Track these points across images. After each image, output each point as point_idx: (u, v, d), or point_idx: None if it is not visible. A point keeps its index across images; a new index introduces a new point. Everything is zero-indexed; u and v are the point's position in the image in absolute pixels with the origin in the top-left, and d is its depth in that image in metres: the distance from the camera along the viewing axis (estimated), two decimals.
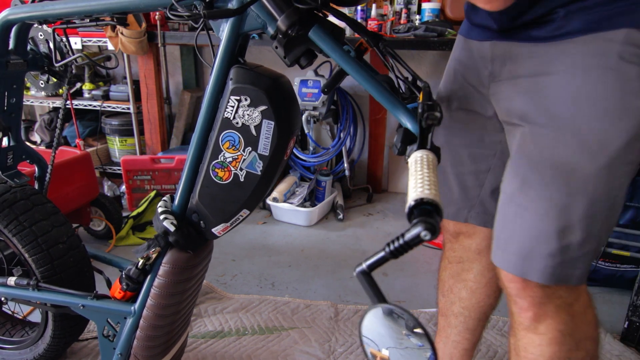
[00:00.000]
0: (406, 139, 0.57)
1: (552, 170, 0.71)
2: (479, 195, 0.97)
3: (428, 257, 2.13)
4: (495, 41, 0.81)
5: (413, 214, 0.46)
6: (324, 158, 2.75)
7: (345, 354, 1.45)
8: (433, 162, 0.52)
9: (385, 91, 0.67)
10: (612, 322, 1.64)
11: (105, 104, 2.75)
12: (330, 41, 0.68)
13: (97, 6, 0.89)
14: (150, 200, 2.37)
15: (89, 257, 1.20)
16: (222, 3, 0.74)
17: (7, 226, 1.07)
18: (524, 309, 0.79)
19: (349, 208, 2.72)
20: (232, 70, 0.76)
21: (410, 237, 0.45)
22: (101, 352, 1.06)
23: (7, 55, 1.09)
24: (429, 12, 2.47)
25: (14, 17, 1.02)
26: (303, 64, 0.72)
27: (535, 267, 0.74)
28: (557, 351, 0.78)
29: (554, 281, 0.74)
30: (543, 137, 0.73)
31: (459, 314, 1.11)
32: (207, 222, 0.86)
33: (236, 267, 2.00)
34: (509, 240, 0.77)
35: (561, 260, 0.73)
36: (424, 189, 0.47)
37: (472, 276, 1.07)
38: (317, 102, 2.44)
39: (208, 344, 1.47)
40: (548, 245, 0.72)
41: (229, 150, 0.79)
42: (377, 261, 0.49)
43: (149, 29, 2.48)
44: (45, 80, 1.23)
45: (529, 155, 0.74)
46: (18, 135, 1.24)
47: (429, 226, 0.44)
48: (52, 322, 1.18)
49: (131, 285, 0.96)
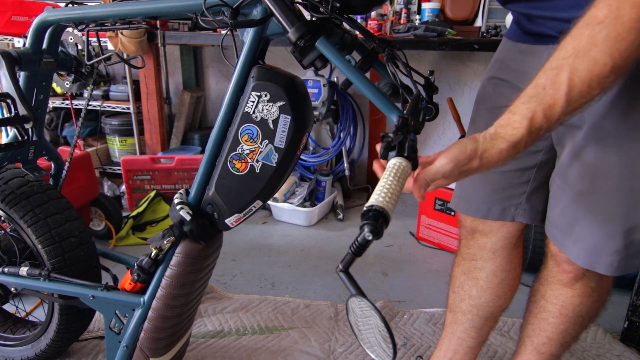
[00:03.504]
0: (388, 146, 0.63)
1: (619, 177, 0.77)
2: (525, 192, 0.97)
3: (427, 257, 2.13)
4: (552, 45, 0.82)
5: (364, 216, 0.53)
6: (324, 158, 2.75)
7: (345, 353, 1.45)
8: (403, 171, 0.58)
9: (383, 97, 0.72)
10: (612, 322, 1.64)
11: (105, 104, 2.75)
12: (334, 51, 0.74)
13: (131, 10, 0.95)
14: (150, 200, 2.37)
15: (97, 253, 1.23)
16: (247, 9, 0.81)
17: (23, 217, 1.11)
18: (567, 272, 0.91)
19: (349, 208, 2.72)
20: (254, 70, 0.83)
21: (360, 238, 0.54)
22: (106, 346, 1.08)
23: (40, 53, 1.16)
24: (429, 12, 2.47)
25: (51, 18, 1.08)
26: (318, 66, 0.78)
27: (603, 262, 0.83)
28: (584, 302, 0.93)
29: (618, 273, 0.83)
30: (608, 144, 0.77)
31: (467, 311, 1.11)
32: (221, 212, 0.91)
33: (236, 267, 2.00)
34: (579, 237, 0.84)
35: (626, 255, 0.81)
36: (379, 196, 0.54)
37: (484, 275, 1.07)
38: (317, 102, 2.44)
39: (208, 343, 1.47)
40: (615, 244, 0.81)
41: (247, 143, 0.84)
42: (347, 261, 0.58)
43: (148, 30, 2.48)
44: (71, 80, 1.30)
45: (594, 160, 0.78)
46: (41, 132, 1.30)
47: (372, 228, 0.52)
48: (58, 316, 1.20)
49: (142, 276, 0.99)
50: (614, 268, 0.83)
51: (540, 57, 0.85)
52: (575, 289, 0.92)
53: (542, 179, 0.95)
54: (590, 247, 0.83)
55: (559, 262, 0.91)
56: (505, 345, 1.50)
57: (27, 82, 1.19)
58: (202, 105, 3.21)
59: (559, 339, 0.98)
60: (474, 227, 1.05)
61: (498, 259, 1.04)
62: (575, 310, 0.94)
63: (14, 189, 1.13)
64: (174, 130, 2.95)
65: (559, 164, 0.87)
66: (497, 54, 0.99)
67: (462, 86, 2.86)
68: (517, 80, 0.90)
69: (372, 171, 2.94)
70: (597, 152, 0.78)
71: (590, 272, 0.89)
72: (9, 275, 1.15)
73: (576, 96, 0.58)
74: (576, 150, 0.80)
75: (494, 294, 1.07)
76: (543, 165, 0.94)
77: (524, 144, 0.62)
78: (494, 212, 1.00)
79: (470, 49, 2.20)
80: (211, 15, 0.76)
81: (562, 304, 0.95)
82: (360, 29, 0.84)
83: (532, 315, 1.02)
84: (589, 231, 0.82)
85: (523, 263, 1.10)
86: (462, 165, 0.62)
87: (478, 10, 2.53)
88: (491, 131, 0.64)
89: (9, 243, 1.23)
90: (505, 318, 1.62)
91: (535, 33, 0.85)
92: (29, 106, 1.08)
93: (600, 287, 0.93)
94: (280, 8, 0.73)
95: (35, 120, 1.07)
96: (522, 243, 1.08)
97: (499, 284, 1.06)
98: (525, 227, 1.04)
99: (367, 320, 0.59)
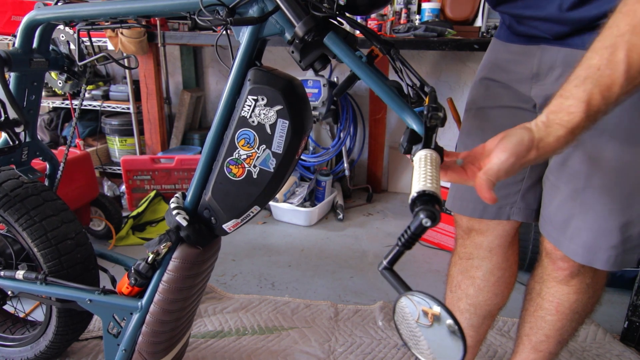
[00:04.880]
0: (412, 139, 0.61)
1: (615, 173, 0.77)
2: (519, 191, 0.98)
3: (428, 257, 2.13)
4: (543, 45, 0.83)
5: (415, 204, 0.50)
6: (324, 158, 2.75)
7: (345, 353, 1.45)
8: (436, 160, 0.56)
9: (394, 95, 0.71)
10: (612, 322, 1.64)
11: (105, 104, 2.75)
12: (344, 47, 0.72)
13: (122, 9, 0.92)
14: (150, 200, 2.37)
15: (95, 255, 1.22)
16: (243, 9, 0.79)
17: (18, 220, 1.09)
18: (562, 269, 0.91)
19: (349, 208, 2.72)
20: (250, 72, 0.80)
21: (414, 226, 0.50)
22: (105, 348, 1.07)
23: (30, 53, 1.13)
24: (429, 12, 2.47)
25: (41, 17, 1.05)
26: (317, 68, 0.77)
27: (600, 257, 0.83)
28: (580, 298, 0.94)
29: (616, 268, 0.84)
30: (603, 140, 0.77)
31: (464, 310, 1.12)
32: (218, 218, 0.89)
33: (236, 267, 2.00)
34: (575, 233, 0.85)
35: (623, 250, 0.82)
36: (426, 182, 0.51)
37: (480, 274, 1.07)
38: (317, 102, 2.44)
39: (208, 343, 1.47)
40: (612, 239, 0.81)
41: (244, 148, 0.82)
42: (394, 256, 0.54)
43: (148, 30, 2.48)
44: (63, 79, 1.27)
45: (589, 157, 0.79)
46: (34, 132, 1.27)
47: (429, 213, 0.49)
48: (56, 318, 1.19)
49: (139, 280, 0.98)
50: (611, 263, 0.83)
51: (532, 57, 0.86)
52: (570, 285, 0.93)
53: (535, 177, 0.96)
54: (587, 243, 0.84)
55: (554, 259, 0.92)
56: (505, 345, 1.50)
57: (17, 83, 1.16)
58: (202, 105, 3.21)
59: (556, 336, 0.99)
60: (469, 226, 1.06)
61: (494, 258, 1.05)
62: (572, 307, 0.95)
63: (8, 192, 1.10)
64: (173, 130, 2.95)
65: (552, 161, 0.87)
66: (487, 55, 0.99)
67: (462, 86, 2.86)
68: (509, 80, 0.91)
69: (372, 171, 2.95)
70: (592, 149, 0.78)
71: (585, 269, 0.89)
72: (5, 278, 1.14)
73: (635, 74, 0.55)
74: (572, 146, 0.80)
75: (491, 292, 1.08)
76: (536, 164, 0.95)
77: (581, 128, 0.58)
78: (489, 212, 1.00)
79: (470, 49, 2.20)
80: (209, 14, 0.74)
81: (558, 302, 0.95)
82: (365, 30, 0.83)
83: (529, 313, 1.02)
84: (586, 227, 0.83)
85: (523, 263, 1.11)
86: (522, 157, 0.58)
87: (478, 10, 2.53)
88: (542, 119, 0.59)
89: (4, 245, 1.21)
90: (505, 318, 1.62)
91: (526, 34, 0.86)
92: (19, 109, 1.05)
93: (595, 283, 0.93)
94: (288, 1, 0.71)
95: (26, 124, 1.04)
96: (518, 241, 1.08)
97: (495, 282, 1.07)
98: (522, 226, 1.05)
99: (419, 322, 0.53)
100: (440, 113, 0.63)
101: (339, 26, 0.77)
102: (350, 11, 0.81)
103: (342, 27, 0.78)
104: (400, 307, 0.54)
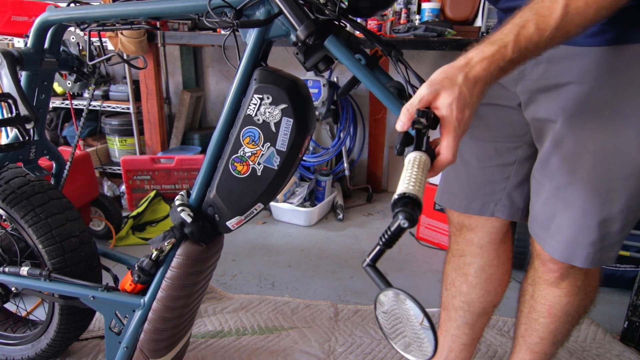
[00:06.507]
0: (405, 141, 0.62)
1: (595, 169, 0.78)
2: (505, 188, 0.98)
3: (427, 257, 2.14)
4: None
5: (396, 205, 0.52)
6: (324, 158, 2.75)
7: (345, 353, 1.45)
8: (424, 163, 0.58)
9: (392, 96, 0.72)
10: (612, 322, 1.64)
11: (105, 104, 2.75)
12: (344, 50, 0.74)
13: (133, 11, 0.95)
14: (150, 200, 2.37)
15: (98, 253, 1.23)
16: (250, 10, 0.80)
17: (24, 217, 1.11)
18: (552, 271, 0.91)
19: (349, 208, 2.72)
20: (256, 72, 0.82)
21: (394, 227, 0.52)
22: (106, 346, 1.08)
23: (42, 53, 1.16)
24: (429, 12, 2.47)
25: (53, 18, 1.08)
26: (321, 69, 0.79)
27: (579, 254, 0.84)
28: (571, 301, 0.94)
29: (594, 265, 0.84)
30: (584, 136, 0.78)
31: (459, 307, 1.12)
32: (222, 215, 0.91)
33: (236, 267, 2.00)
34: (556, 230, 0.85)
35: (601, 247, 0.83)
36: (409, 185, 0.53)
37: (472, 271, 1.08)
38: (317, 102, 2.45)
39: (208, 343, 1.47)
40: (591, 235, 0.82)
41: (249, 145, 0.84)
42: (377, 253, 0.56)
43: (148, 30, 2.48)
44: (72, 80, 1.30)
45: (572, 153, 0.79)
46: (42, 131, 1.30)
47: (407, 215, 0.50)
48: (59, 316, 1.20)
49: (142, 277, 0.98)
50: (590, 260, 0.83)
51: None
52: (561, 288, 0.93)
53: (522, 176, 0.96)
54: (566, 240, 0.84)
55: (544, 261, 0.92)
56: (505, 345, 1.50)
57: (28, 81, 1.19)
58: (202, 105, 3.21)
59: (550, 338, 0.99)
60: (460, 223, 1.06)
61: (485, 254, 1.05)
62: (564, 309, 0.95)
63: (15, 189, 1.13)
64: (173, 130, 2.95)
65: (538, 158, 0.88)
66: None
67: None
68: (504, 79, 0.91)
69: (372, 171, 2.95)
70: (574, 144, 0.79)
71: (575, 271, 0.89)
72: (10, 275, 1.15)
73: (572, 12, 0.58)
74: (555, 142, 0.81)
75: (483, 289, 1.08)
76: (523, 162, 0.95)
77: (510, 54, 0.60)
78: (473, 207, 1.01)
79: None
80: (217, 16, 0.76)
81: (550, 304, 0.95)
82: (367, 32, 0.84)
83: (523, 315, 1.03)
84: (566, 224, 0.83)
85: (523, 263, 1.11)
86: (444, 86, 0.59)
87: (478, 10, 2.53)
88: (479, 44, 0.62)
89: (9, 242, 1.23)
90: (505, 318, 1.62)
91: None
92: (30, 106, 1.07)
93: (587, 285, 0.93)
94: (290, 5, 0.73)
95: (36, 121, 1.07)
96: (511, 239, 1.08)
97: (487, 279, 1.07)
98: (522, 226, 1.05)
99: (399, 316, 0.56)
100: (423, 119, 0.62)
101: (341, 28, 0.78)
102: (353, 13, 0.82)
103: (345, 29, 0.79)
104: (380, 302, 0.58)
